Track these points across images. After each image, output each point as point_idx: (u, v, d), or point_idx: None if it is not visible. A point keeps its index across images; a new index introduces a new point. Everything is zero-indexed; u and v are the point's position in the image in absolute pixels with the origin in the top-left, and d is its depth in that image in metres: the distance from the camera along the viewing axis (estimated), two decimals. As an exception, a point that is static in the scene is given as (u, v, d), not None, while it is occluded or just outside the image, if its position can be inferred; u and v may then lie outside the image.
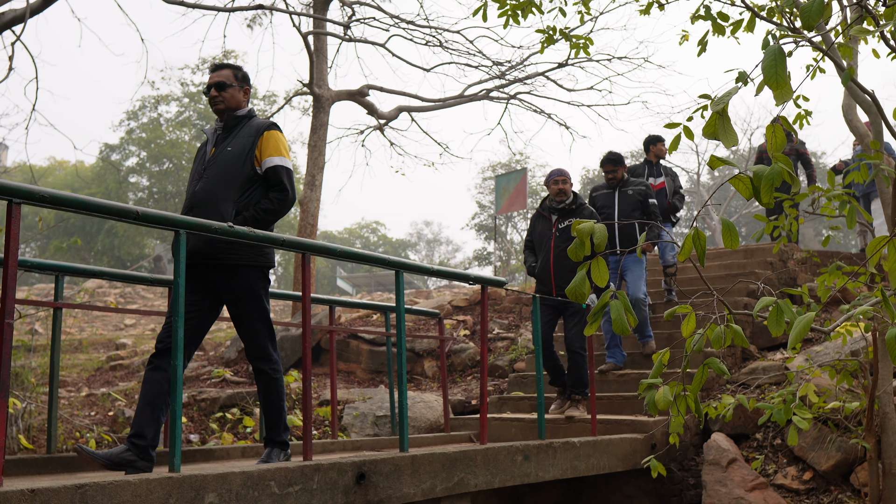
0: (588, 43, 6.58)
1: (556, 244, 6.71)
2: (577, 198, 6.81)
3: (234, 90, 4.40)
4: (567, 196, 6.78)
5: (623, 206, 7.51)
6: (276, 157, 4.22)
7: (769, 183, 2.19)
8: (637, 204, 7.47)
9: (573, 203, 6.78)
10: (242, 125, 4.36)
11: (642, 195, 7.51)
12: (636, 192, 7.51)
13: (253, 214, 4.10)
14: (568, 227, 6.55)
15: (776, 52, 1.87)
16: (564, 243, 6.60)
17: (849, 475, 5.69)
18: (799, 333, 2.13)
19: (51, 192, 3.04)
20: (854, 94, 5.76)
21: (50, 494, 2.70)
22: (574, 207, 6.77)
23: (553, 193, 6.81)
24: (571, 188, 6.83)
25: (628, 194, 7.52)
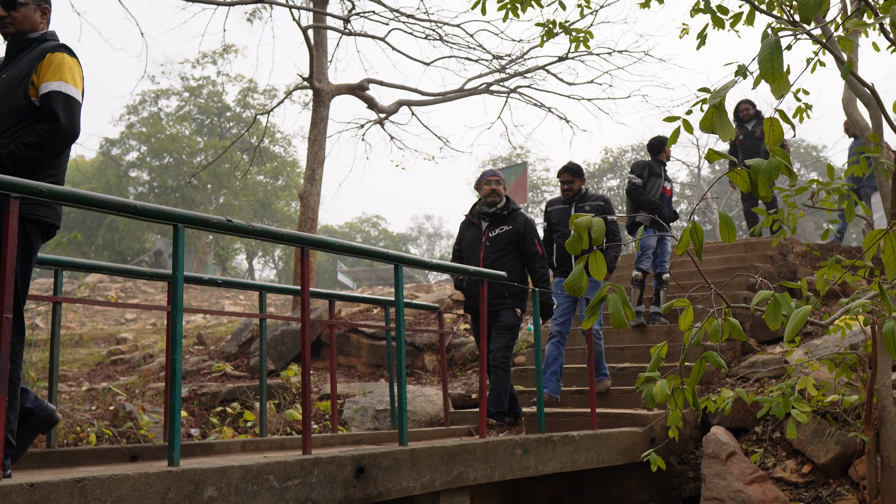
0: (588, 36, 6.57)
1: (486, 254, 6.00)
2: (510, 203, 6.13)
3: (27, 9, 3.69)
4: (499, 199, 6.09)
5: None
6: (53, 82, 3.50)
7: (766, 176, 2.19)
8: None
9: (505, 209, 6.09)
10: (31, 49, 3.67)
11: (601, 211, 6.82)
12: (594, 209, 6.85)
13: (11, 151, 3.39)
14: (499, 236, 6.01)
15: (773, 45, 1.87)
16: (495, 254, 5.97)
17: (847, 468, 5.70)
18: (795, 327, 2.13)
19: (48, 187, 3.04)
20: (854, 87, 5.75)
21: (49, 488, 2.71)
22: (506, 213, 6.08)
23: (485, 195, 6.09)
24: (505, 191, 6.17)
25: (585, 210, 6.78)
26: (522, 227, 6.00)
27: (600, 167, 40.75)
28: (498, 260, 5.94)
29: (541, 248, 6.01)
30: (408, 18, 13.47)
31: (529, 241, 6.00)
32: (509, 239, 5.98)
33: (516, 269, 5.96)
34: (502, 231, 6.01)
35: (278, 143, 38.52)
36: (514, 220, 6.07)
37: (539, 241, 6.04)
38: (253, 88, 36.51)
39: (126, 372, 10.12)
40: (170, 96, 38.48)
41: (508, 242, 5.97)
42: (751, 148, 10.12)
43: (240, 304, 21.80)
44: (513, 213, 6.11)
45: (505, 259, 5.96)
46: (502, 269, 5.74)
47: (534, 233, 6.05)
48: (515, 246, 5.99)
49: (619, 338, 8.05)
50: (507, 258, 5.95)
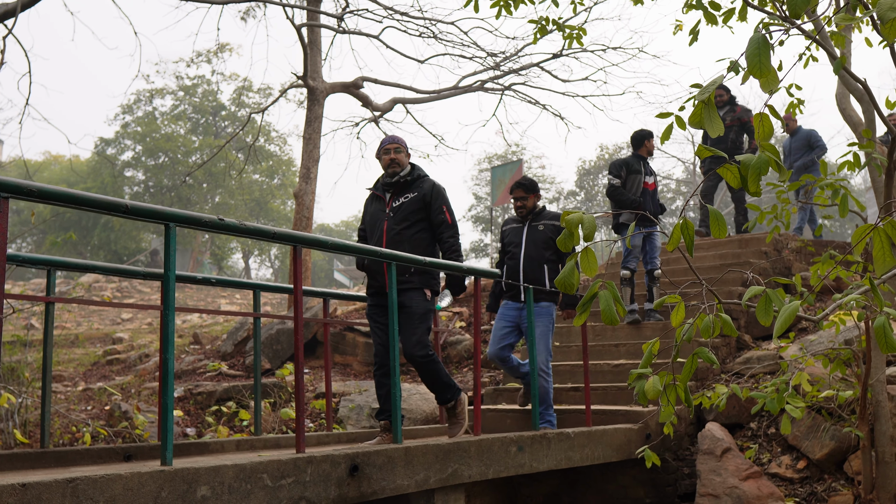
0: (582, 33, 6.57)
1: (389, 227, 5.29)
2: (415, 169, 5.43)
3: None
4: (401, 167, 5.38)
5: (531, 244, 6.25)
6: None
7: (756, 172, 2.19)
8: (548, 242, 6.20)
9: (410, 175, 5.39)
10: None
11: (556, 231, 6.24)
12: (548, 228, 6.26)
13: None
14: (403, 205, 5.29)
15: (760, 41, 1.87)
16: (399, 225, 5.26)
17: (842, 463, 5.71)
18: (784, 323, 2.13)
19: (38, 186, 3.03)
20: (847, 82, 5.76)
21: (41, 488, 2.70)
22: (410, 180, 5.39)
23: (385, 165, 5.40)
24: (409, 158, 5.47)
25: (538, 230, 6.25)
26: (429, 192, 5.30)
27: (596, 164, 40.76)
28: (403, 232, 5.24)
29: (450, 215, 5.29)
30: (402, 16, 13.45)
31: (437, 209, 5.29)
32: (414, 207, 5.28)
33: (425, 242, 5.28)
34: (406, 199, 5.33)
35: (273, 142, 38.51)
36: (419, 186, 5.37)
37: (449, 208, 5.32)
38: (247, 87, 36.46)
39: (122, 372, 10.11)
40: (164, 95, 38.42)
41: (414, 211, 5.27)
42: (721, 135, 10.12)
43: (236, 304, 21.79)
44: (419, 180, 5.41)
45: (411, 231, 5.26)
46: (408, 241, 5.17)
47: (442, 199, 5.32)
48: (423, 216, 5.29)
49: (614, 334, 8.06)
50: (414, 230, 5.25)
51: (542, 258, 6.18)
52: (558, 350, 8.15)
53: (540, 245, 6.20)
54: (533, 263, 6.19)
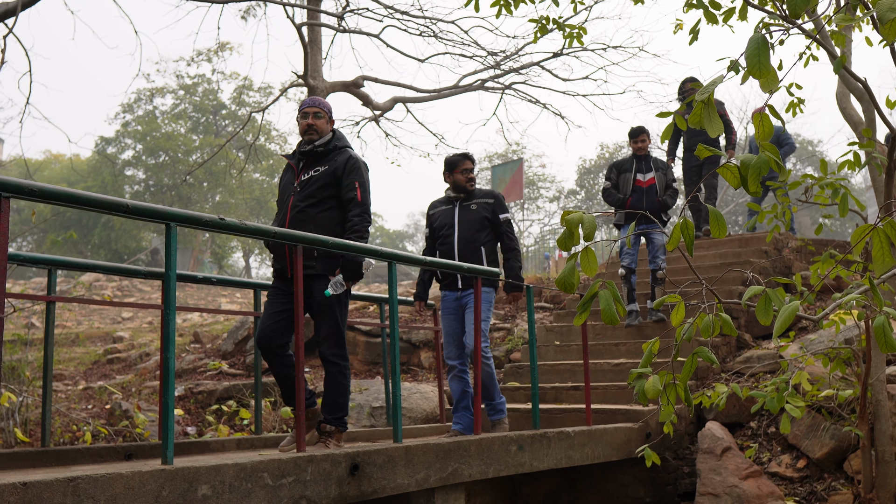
0: (582, 32, 6.56)
1: (295, 203, 4.67)
2: (335, 138, 4.81)
3: None
4: (319, 135, 4.76)
5: (465, 226, 5.77)
6: None
7: (756, 172, 2.19)
8: (483, 222, 5.76)
9: (328, 144, 4.77)
10: None
11: (490, 211, 5.80)
12: (481, 208, 5.79)
13: None
14: (312, 179, 4.69)
15: (759, 41, 1.87)
16: (305, 201, 4.65)
17: (842, 463, 5.71)
18: (783, 323, 2.14)
19: (39, 186, 3.03)
20: (847, 81, 5.77)
21: (42, 487, 2.71)
22: (324, 150, 4.75)
23: (301, 130, 4.78)
24: (332, 126, 4.85)
25: (472, 210, 5.79)
26: (342, 166, 4.65)
27: (596, 163, 40.76)
28: (308, 210, 4.62)
29: (362, 193, 4.63)
30: (402, 15, 13.44)
31: (348, 185, 4.63)
32: (324, 182, 4.65)
33: (334, 223, 4.64)
34: (316, 173, 4.69)
35: (274, 141, 38.50)
36: (333, 159, 4.71)
37: (363, 185, 4.67)
38: (248, 86, 36.46)
39: (122, 370, 10.11)
40: (165, 94, 38.43)
41: (322, 187, 4.65)
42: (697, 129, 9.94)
43: (236, 303, 21.79)
44: (335, 152, 4.75)
45: (317, 209, 4.63)
46: (313, 220, 4.59)
47: (357, 175, 4.65)
48: (333, 192, 4.66)
49: (614, 333, 8.06)
50: (321, 208, 4.64)
51: (477, 240, 5.74)
52: (559, 349, 8.16)
53: (475, 226, 5.75)
54: (468, 247, 5.71)
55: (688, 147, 9.98)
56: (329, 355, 4.53)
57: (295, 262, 4.09)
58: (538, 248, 30.97)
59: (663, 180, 7.90)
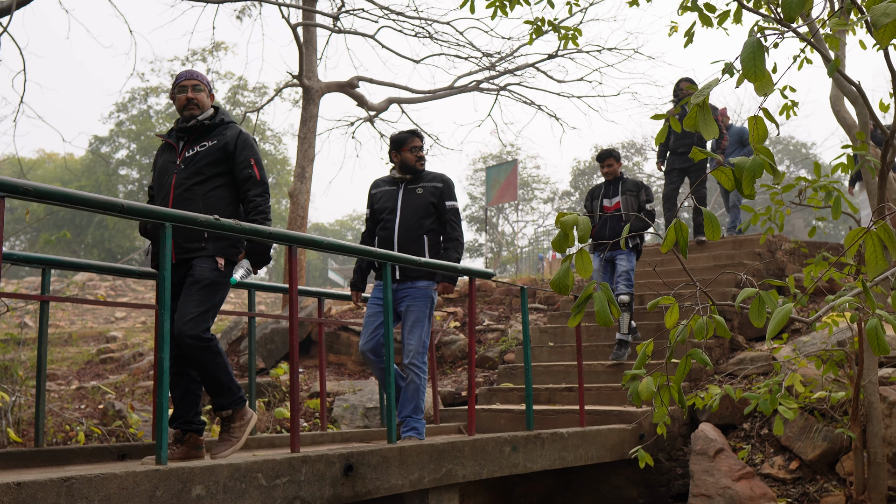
0: (577, 34, 6.58)
1: (178, 182, 4.26)
2: (220, 113, 4.44)
3: None
4: (201, 109, 4.38)
5: (408, 211, 5.23)
6: None
7: (751, 174, 2.20)
8: (429, 208, 5.22)
9: (214, 118, 4.39)
10: None
11: (437, 194, 5.27)
12: (428, 192, 5.26)
13: None
14: (199, 155, 4.28)
15: (754, 45, 1.88)
16: (191, 179, 4.24)
17: (834, 464, 5.73)
18: (777, 325, 2.15)
19: (35, 185, 3.03)
20: (841, 85, 5.79)
21: (36, 487, 2.70)
22: (210, 125, 4.37)
23: (180, 106, 4.38)
24: (213, 100, 4.49)
25: (417, 194, 5.26)
26: (233, 142, 4.30)
27: (590, 164, 40.81)
28: (194, 188, 4.22)
29: (259, 171, 4.29)
30: (397, 16, 13.46)
31: (243, 161, 4.28)
32: (212, 158, 4.28)
33: (224, 201, 4.27)
34: (203, 149, 4.31)
35: (268, 141, 38.46)
36: (221, 133, 4.36)
37: (258, 162, 4.32)
38: (243, 86, 36.41)
39: (116, 370, 10.09)
40: (159, 94, 38.31)
41: (211, 163, 4.28)
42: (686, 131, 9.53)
43: (230, 303, 21.76)
44: (222, 126, 4.40)
45: (205, 187, 4.24)
46: (202, 199, 4.20)
47: (251, 151, 4.32)
48: (223, 169, 4.30)
49: (608, 335, 8.08)
50: (209, 186, 4.25)
51: (420, 227, 5.20)
52: (553, 350, 8.17)
53: (419, 212, 5.21)
54: (410, 234, 5.17)
55: (673, 150, 9.89)
56: (191, 338, 3.99)
57: (291, 263, 4.08)
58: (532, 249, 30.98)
59: (634, 203, 7.47)
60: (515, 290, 10.86)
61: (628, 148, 38.35)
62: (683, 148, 9.73)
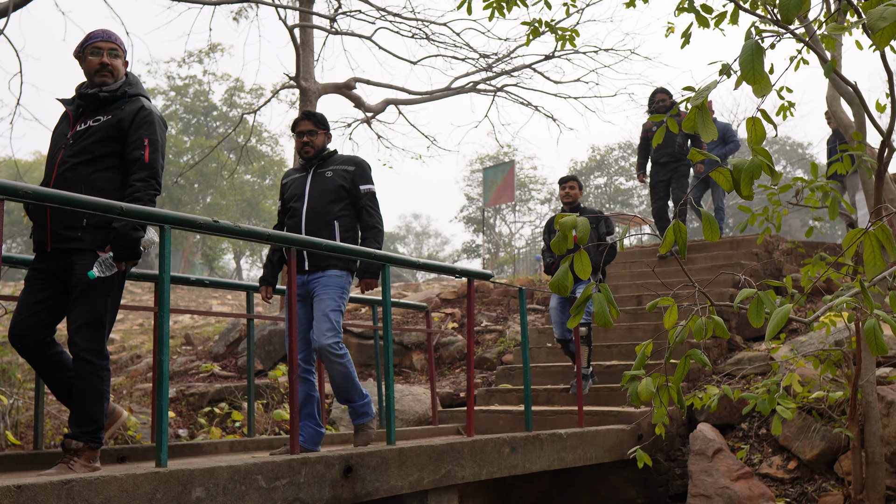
0: (574, 35, 6.58)
1: (64, 159, 3.76)
2: (128, 83, 3.89)
3: None
4: (115, 79, 3.86)
5: (316, 197, 4.85)
6: None
7: (749, 176, 2.21)
8: (339, 192, 4.84)
9: (116, 91, 3.85)
10: None
11: (348, 179, 4.87)
12: (338, 176, 4.87)
13: None
14: (91, 130, 3.78)
15: (753, 47, 1.89)
16: (78, 157, 3.73)
17: (833, 464, 5.74)
18: (776, 325, 2.16)
19: (34, 189, 3.04)
20: (837, 85, 5.80)
21: (36, 490, 2.71)
22: (111, 97, 3.83)
23: (90, 69, 3.85)
24: (126, 66, 3.96)
25: (326, 177, 4.87)
26: (130, 118, 3.78)
27: (587, 165, 40.84)
28: (78, 168, 3.71)
29: (150, 153, 3.75)
30: (394, 17, 13.47)
31: (135, 141, 3.74)
32: (104, 136, 3.76)
33: (114, 184, 3.76)
34: (96, 123, 3.79)
35: (265, 143, 38.49)
36: (120, 108, 3.82)
37: (154, 143, 3.79)
38: (239, 87, 36.43)
39: (113, 373, 10.08)
40: (156, 95, 38.35)
41: (101, 141, 3.75)
42: (666, 140, 9.38)
43: (227, 304, 21.75)
44: (124, 100, 3.85)
45: (92, 167, 3.73)
46: (85, 181, 3.68)
47: (148, 129, 3.78)
48: (115, 148, 3.78)
49: (605, 336, 8.09)
50: (99, 167, 3.74)
51: (329, 213, 4.82)
52: (550, 351, 8.18)
53: (328, 197, 4.83)
54: (318, 221, 4.79)
55: (654, 161, 9.61)
56: (81, 349, 3.56)
57: (289, 264, 4.08)
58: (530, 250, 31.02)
59: (593, 236, 6.96)
60: (513, 291, 10.87)
61: (625, 148, 38.38)
62: (665, 157, 9.47)
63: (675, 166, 9.45)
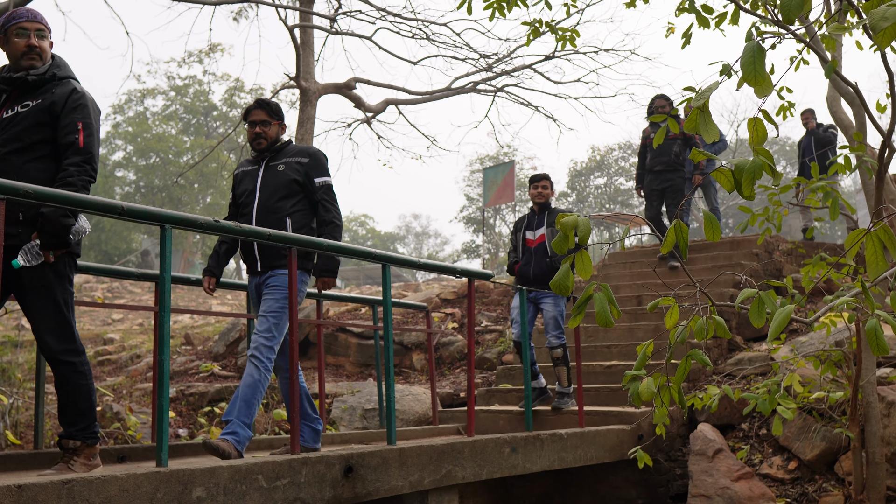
0: (574, 35, 6.59)
1: None
2: (55, 66, 3.71)
3: None
4: (42, 62, 3.69)
5: (266, 191, 4.53)
6: None
7: (750, 176, 2.21)
8: (291, 186, 4.51)
9: (49, 71, 3.68)
10: None
11: (302, 173, 4.54)
12: (291, 169, 4.55)
13: None
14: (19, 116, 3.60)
15: (755, 49, 1.89)
16: (7, 146, 3.58)
17: (833, 464, 5.74)
18: (779, 326, 2.16)
19: (35, 188, 3.04)
20: (838, 85, 5.80)
21: (37, 490, 2.71)
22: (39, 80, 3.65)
23: (14, 53, 3.67)
24: (51, 46, 3.76)
25: (278, 171, 4.56)
26: (62, 101, 3.61)
27: (587, 165, 40.84)
28: (9, 158, 3.55)
29: (85, 138, 3.58)
30: (394, 17, 13.46)
31: (69, 125, 3.58)
32: (35, 121, 3.58)
33: (48, 173, 3.57)
34: (27, 108, 3.61)
35: (265, 142, 38.38)
36: (49, 91, 3.64)
37: (87, 126, 3.62)
38: (240, 87, 36.40)
39: (113, 373, 10.08)
40: (156, 95, 38.36)
41: (32, 127, 3.58)
42: (661, 148, 9.12)
43: (227, 304, 21.74)
44: (53, 83, 3.67)
45: (23, 158, 3.57)
46: (19, 171, 3.49)
47: (81, 113, 3.62)
48: (48, 135, 3.60)
49: (606, 336, 8.09)
50: (28, 156, 3.57)
51: (281, 209, 4.49)
52: (551, 351, 8.17)
53: (280, 192, 4.51)
54: (269, 217, 4.46)
55: (650, 168, 9.33)
56: (59, 352, 3.48)
57: (290, 264, 4.07)
58: (529, 250, 30.93)
59: None
60: (513, 291, 10.87)
61: (625, 149, 38.39)
62: (660, 166, 9.18)
63: (670, 177, 9.16)
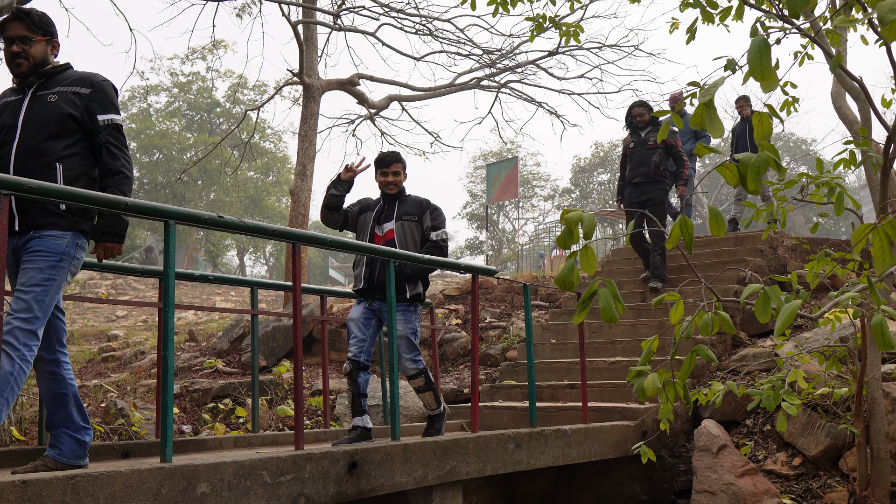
0: (578, 31, 6.57)
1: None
2: None
3: None
4: None
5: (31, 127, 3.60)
6: None
7: (755, 171, 2.20)
8: (64, 124, 3.58)
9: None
10: None
11: (80, 106, 3.63)
12: (65, 101, 3.63)
13: None
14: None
15: (761, 44, 1.88)
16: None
17: (837, 460, 5.73)
18: (785, 321, 2.15)
19: (38, 184, 3.04)
20: (842, 80, 5.79)
21: (42, 485, 2.71)
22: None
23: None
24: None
25: (48, 102, 3.62)
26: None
27: (591, 161, 40.81)
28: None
29: None
30: (398, 13, 13.45)
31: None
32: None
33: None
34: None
35: (269, 139, 38.48)
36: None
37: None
38: (243, 84, 36.42)
39: (117, 369, 10.10)
40: (159, 92, 38.41)
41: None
42: (641, 158, 8.54)
43: (231, 301, 21.78)
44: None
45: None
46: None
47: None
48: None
49: (610, 332, 8.08)
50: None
51: (50, 152, 3.57)
52: (555, 347, 8.17)
53: (48, 130, 3.59)
54: (33, 162, 3.54)
55: (629, 180, 8.67)
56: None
57: (294, 260, 4.08)
58: (533, 246, 31.00)
59: (415, 231, 5.24)
60: (517, 287, 10.86)
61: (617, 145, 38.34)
62: (640, 178, 8.54)
63: (649, 189, 8.52)
